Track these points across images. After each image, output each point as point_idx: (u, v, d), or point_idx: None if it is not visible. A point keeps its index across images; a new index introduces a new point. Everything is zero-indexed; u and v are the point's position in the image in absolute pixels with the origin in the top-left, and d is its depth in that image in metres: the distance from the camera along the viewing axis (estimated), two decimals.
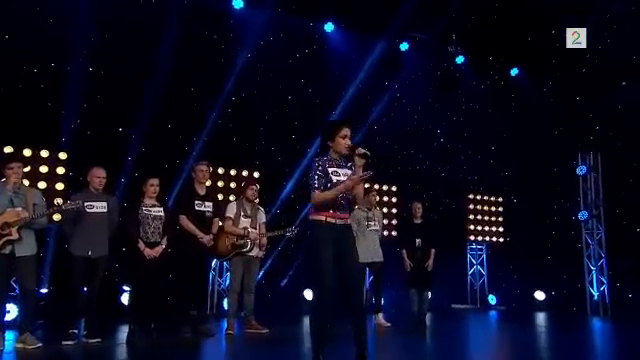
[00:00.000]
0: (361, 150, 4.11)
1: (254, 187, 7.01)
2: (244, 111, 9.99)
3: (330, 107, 10.84)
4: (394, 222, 10.70)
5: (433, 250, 7.92)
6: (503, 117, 12.13)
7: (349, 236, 4.19)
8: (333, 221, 4.10)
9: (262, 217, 7.03)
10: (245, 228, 6.78)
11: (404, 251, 7.97)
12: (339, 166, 4.19)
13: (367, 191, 8.38)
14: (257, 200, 7.20)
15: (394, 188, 11.10)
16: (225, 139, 9.71)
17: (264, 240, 6.95)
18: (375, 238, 7.92)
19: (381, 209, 9.75)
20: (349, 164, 4.23)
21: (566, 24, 9.47)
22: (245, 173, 9.44)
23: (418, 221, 8.08)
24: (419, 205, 8.08)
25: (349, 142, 4.16)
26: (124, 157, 8.96)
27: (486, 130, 11.95)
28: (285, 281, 10.49)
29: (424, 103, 11.92)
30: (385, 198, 10.75)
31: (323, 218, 4.09)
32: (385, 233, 9.71)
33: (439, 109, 12.06)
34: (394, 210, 10.87)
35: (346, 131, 4.17)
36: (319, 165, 4.14)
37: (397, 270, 8.12)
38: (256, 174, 9.48)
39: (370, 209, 8.05)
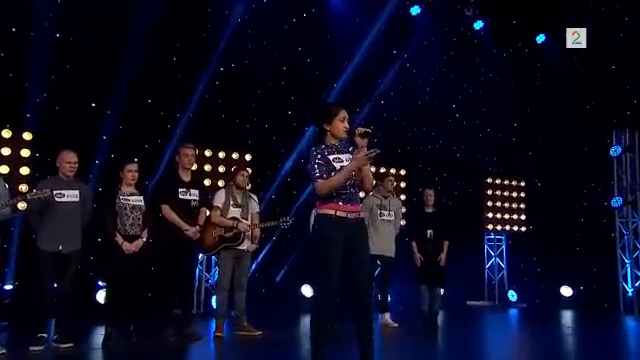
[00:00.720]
0: (361, 129, 4.20)
1: (245, 172, 7.00)
2: (234, 84, 9.91)
3: (331, 79, 10.79)
4: (403, 210, 10.65)
5: (446, 242, 7.97)
6: (527, 90, 12.06)
7: (362, 231, 4.23)
8: (344, 215, 4.13)
9: (255, 206, 7.03)
10: (234, 218, 6.78)
11: (414, 243, 8.00)
12: (340, 152, 4.25)
13: (383, 176, 8.38)
14: (249, 187, 7.18)
15: (403, 172, 11.09)
16: (212, 116, 9.65)
17: (257, 232, 6.96)
18: (388, 230, 7.91)
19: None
20: (350, 149, 4.30)
21: None
22: (235, 156, 9.41)
23: (430, 210, 8.10)
24: (431, 192, 8.09)
25: (347, 125, 4.23)
26: (98, 136, 8.90)
27: (508, 105, 11.88)
28: (280, 275, 10.52)
29: (437, 74, 11.85)
30: None
31: (332, 212, 4.11)
32: None
33: (454, 81, 11.99)
34: (403, 197, 10.82)
35: (344, 113, 4.26)
36: (318, 153, 4.18)
37: (406, 264, 8.15)
38: (248, 157, 9.44)
39: (386, 197, 8.03)
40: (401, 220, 8.52)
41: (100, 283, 8.12)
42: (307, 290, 9.74)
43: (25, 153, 7.79)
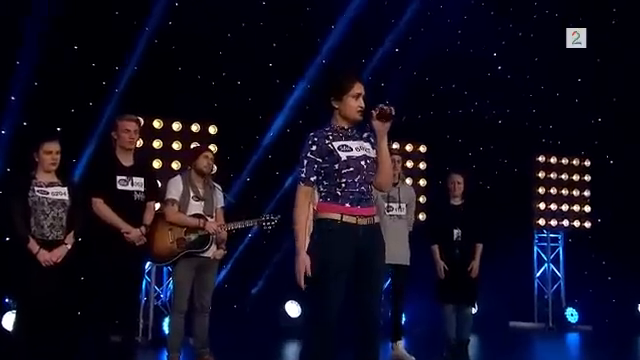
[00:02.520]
0: (384, 107, 4.19)
1: (209, 154, 6.98)
2: (193, 25, 9.86)
3: (328, 19, 10.75)
4: (422, 200, 10.68)
5: (480, 245, 7.96)
6: (596, 34, 11.99)
7: (377, 240, 4.34)
8: (353, 221, 4.20)
9: (220, 199, 7.06)
10: (199, 216, 6.80)
11: (436, 247, 8.00)
12: (349, 137, 4.30)
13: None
14: (214, 171, 7.20)
15: (422, 148, 10.95)
16: (164, 71, 9.63)
17: (224, 234, 6.98)
18: (400, 229, 7.88)
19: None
20: (365, 134, 4.36)
21: None
22: (195, 128, 9.23)
23: (457, 202, 8.10)
24: (459, 178, 8.06)
25: (363, 104, 4.25)
26: (4, 97, 8.89)
27: (569, 54, 11.85)
28: (257, 288, 10.59)
29: (473, 11, 11.82)
30: (409, 164, 10.65)
31: (338, 217, 4.18)
32: None
33: (495, 21, 11.97)
34: (422, 182, 10.81)
35: (359, 88, 4.27)
36: (314, 143, 4.22)
37: (426, 274, 8.16)
38: (212, 129, 9.33)
39: (395, 183, 8.01)
40: (414, 213, 8.50)
41: (7, 301, 8.12)
42: (293, 308, 9.81)
43: None
